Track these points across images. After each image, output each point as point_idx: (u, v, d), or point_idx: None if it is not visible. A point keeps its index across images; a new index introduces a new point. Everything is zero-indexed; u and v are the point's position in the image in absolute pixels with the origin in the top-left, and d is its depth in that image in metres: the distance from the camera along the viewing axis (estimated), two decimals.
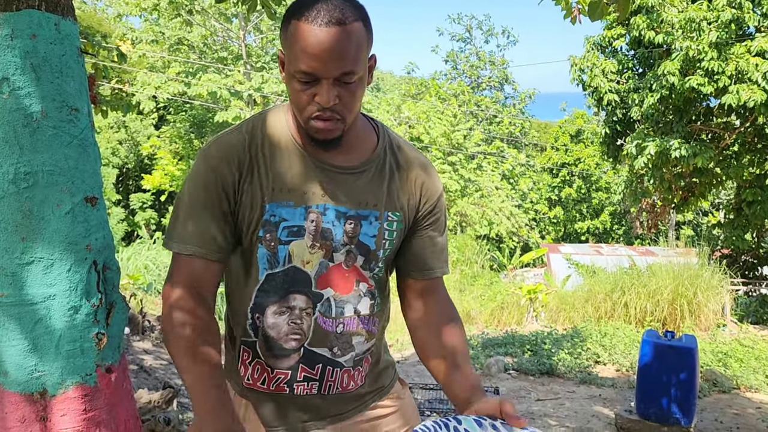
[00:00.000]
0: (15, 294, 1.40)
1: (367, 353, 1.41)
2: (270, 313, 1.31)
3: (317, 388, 1.36)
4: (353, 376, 1.39)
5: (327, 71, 1.14)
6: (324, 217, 1.28)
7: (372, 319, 1.39)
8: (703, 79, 10.04)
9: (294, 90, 1.18)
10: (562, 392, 5.73)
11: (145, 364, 5.27)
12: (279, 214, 1.26)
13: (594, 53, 12.20)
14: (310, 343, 1.32)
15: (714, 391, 5.77)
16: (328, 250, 1.29)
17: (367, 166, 1.32)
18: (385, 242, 1.34)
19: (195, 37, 21.46)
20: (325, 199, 1.28)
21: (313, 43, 1.12)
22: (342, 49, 1.13)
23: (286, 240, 1.27)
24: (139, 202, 23.41)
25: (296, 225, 1.27)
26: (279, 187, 1.26)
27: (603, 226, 27.80)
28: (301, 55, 1.13)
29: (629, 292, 9.02)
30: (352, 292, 1.33)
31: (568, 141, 28.67)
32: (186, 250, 1.24)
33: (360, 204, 1.30)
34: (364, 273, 1.34)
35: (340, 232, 1.30)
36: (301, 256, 1.28)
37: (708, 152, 10.38)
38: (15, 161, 1.34)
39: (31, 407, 1.45)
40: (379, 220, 1.32)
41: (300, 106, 1.19)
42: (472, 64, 31.28)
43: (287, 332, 1.31)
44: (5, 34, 1.31)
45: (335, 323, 1.33)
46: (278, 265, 1.28)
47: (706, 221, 22.48)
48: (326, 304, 1.32)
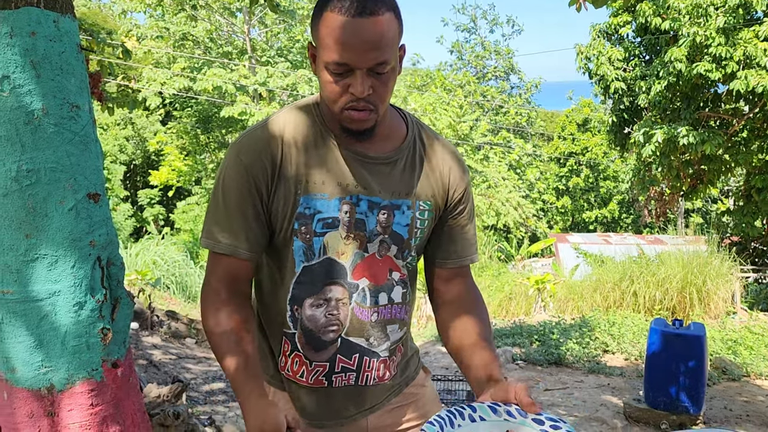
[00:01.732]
0: (20, 291, 1.41)
1: (399, 342, 1.43)
2: (308, 306, 1.32)
3: (354, 379, 1.37)
4: (389, 366, 1.41)
5: (361, 62, 1.15)
6: (357, 208, 1.29)
7: (404, 307, 1.41)
8: (711, 65, 9.96)
9: (327, 81, 1.19)
10: (570, 382, 5.73)
11: (154, 358, 5.31)
12: (313, 207, 1.27)
13: (600, 41, 12.12)
14: (347, 333, 1.34)
15: (723, 379, 5.76)
16: (362, 241, 1.31)
17: (398, 155, 1.33)
18: (417, 231, 1.36)
19: (199, 32, 21.45)
20: (359, 189, 1.29)
21: (347, 33, 1.13)
22: (375, 40, 1.14)
23: (321, 232, 1.28)
24: (146, 198, 23.52)
25: (330, 216, 1.28)
26: (312, 180, 1.27)
27: (611, 215, 27.70)
28: (335, 46, 1.14)
29: (638, 281, 9.00)
30: (386, 282, 1.35)
31: (575, 130, 28.54)
32: (220, 248, 1.26)
33: (393, 194, 1.32)
34: (397, 262, 1.36)
35: (374, 222, 1.31)
36: (336, 247, 1.30)
37: (716, 139, 10.32)
38: (17, 159, 1.35)
39: (39, 403, 1.46)
40: (411, 209, 1.34)
41: (333, 97, 1.20)
42: (477, 54, 31.14)
43: (325, 324, 1.32)
44: (5, 32, 1.31)
45: (370, 312, 1.34)
46: (314, 257, 1.30)
47: (715, 208, 22.36)
48: (361, 294, 1.33)
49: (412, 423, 1.48)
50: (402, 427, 1.47)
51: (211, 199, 1.30)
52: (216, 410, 4.31)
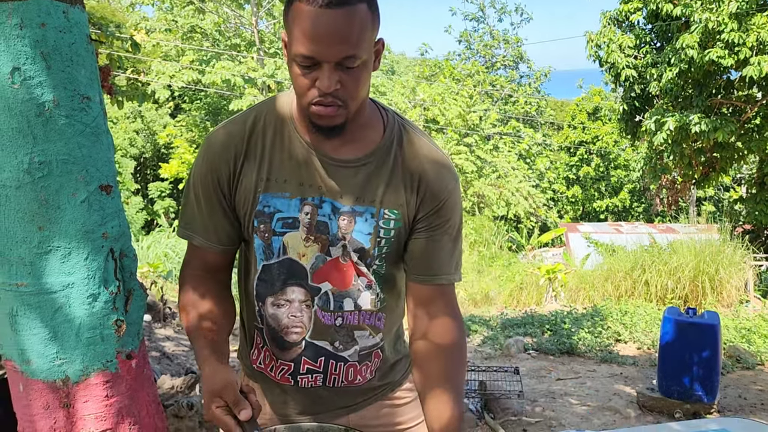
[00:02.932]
0: (34, 283, 1.41)
1: (375, 348, 1.38)
2: (269, 304, 1.31)
3: (322, 380, 1.35)
4: (360, 370, 1.36)
5: (327, 55, 1.08)
6: (320, 210, 1.24)
7: (376, 314, 1.34)
8: (723, 51, 9.85)
9: (295, 74, 1.14)
10: (582, 371, 5.71)
11: (167, 350, 5.34)
12: (273, 205, 1.24)
13: (610, 28, 12.01)
14: (311, 336, 1.31)
15: (737, 368, 5.72)
16: (324, 244, 1.26)
17: (368, 159, 1.26)
18: (381, 240, 1.28)
19: (208, 24, 21.46)
20: (322, 191, 1.24)
21: (313, 25, 1.07)
22: (343, 32, 1.07)
23: (281, 231, 1.25)
24: (157, 191, 23.62)
25: (291, 217, 1.24)
26: (275, 178, 1.23)
27: (622, 204, 27.54)
28: (301, 37, 1.09)
29: (650, 270, 8.94)
30: (350, 287, 1.30)
31: (585, 119, 28.35)
32: (193, 240, 1.28)
33: (356, 200, 1.25)
34: (361, 268, 1.29)
35: (336, 226, 1.26)
36: (296, 248, 1.26)
37: (729, 126, 10.21)
38: (29, 151, 1.35)
39: (54, 394, 1.46)
40: (375, 218, 1.26)
41: (301, 91, 1.15)
42: (486, 43, 30.95)
43: (287, 325, 1.30)
44: (15, 23, 1.31)
45: (333, 317, 1.30)
46: (273, 256, 1.27)
47: (728, 197, 22.16)
48: (324, 297, 1.29)
49: (402, 427, 1.44)
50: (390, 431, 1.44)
51: (184, 190, 1.31)
52: None
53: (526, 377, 5.32)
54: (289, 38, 1.14)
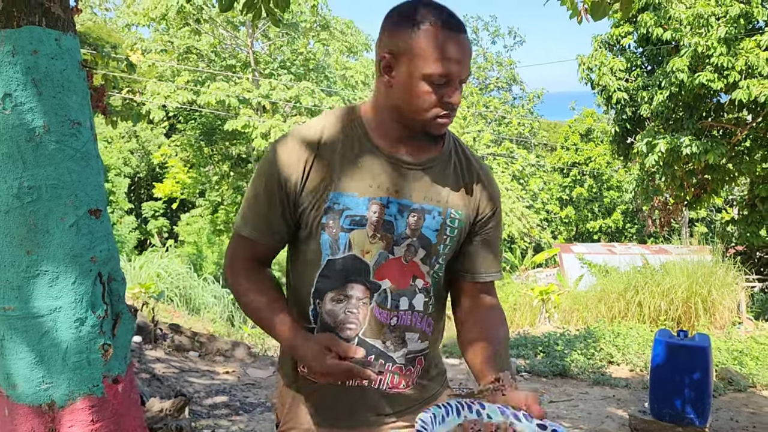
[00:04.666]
0: (21, 307, 1.41)
1: (420, 354, 1.42)
2: (328, 300, 1.34)
3: (368, 382, 1.36)
4: (405, 375, 1.40)
5: (460, 74, 1.25)
6: (387, 209, 1.33)
7: (426, 318, 1.41)
8: (713, 74, 9.98)
9: (421, 92, 1.25)
10: (575, 393, 5.70)
11: (158, 372, 5.30)
12: (342, 203, 1.31)
13: (602, 51, 12.15)
14: (364, 333, 1.35)
15: (729, 390, 5.72)
16: (389, 243, 1.33)
17: (434, 163, 1.38)
18: (446, 238, 1.38)
19: (203, 45, 21.60)
20: (390, 192, 1.33)
21: (451, 47, 1.23)
22: (468, 54, 1.27)
23: (348, 228, 1.32)
24: (151, 210, 23.58)
25: (359, 214, 1.31)
26: (344, 177, 1.32)
27: (615, 225, 27.64)
28: (440, 58, 1.23)
29: (643, 291, 8.96)
30: (408, 287, 1.36)
31: (578, 140, 28.55)
32: (244, 231, 1.35)
33: (425, 199, 1.36)
34: (423, 269, 1.37)
35: (403, 225, 1.34)
36: (361, 245, 1.32)
37: (720, 148, 10.31)
38: (19, 176, 1.36)
39: (40, 419, 1.46)
40: (442, 216, 1.37)
41: (425, 107, 1.27)
42: (479, 65, 31.24)
43: (343, 321, 1.34)
44: (7, 50, 1.33)
45: (390, 315, 1.35)
46: (339, 251, 1.33)
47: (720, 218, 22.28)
48: (383, 294, 1.35)
49: None
50: None
51: (250, 183, 1.38)
52: (219, 424, 4.30)
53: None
54: (418, 58, 1.24)
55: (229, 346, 6.94)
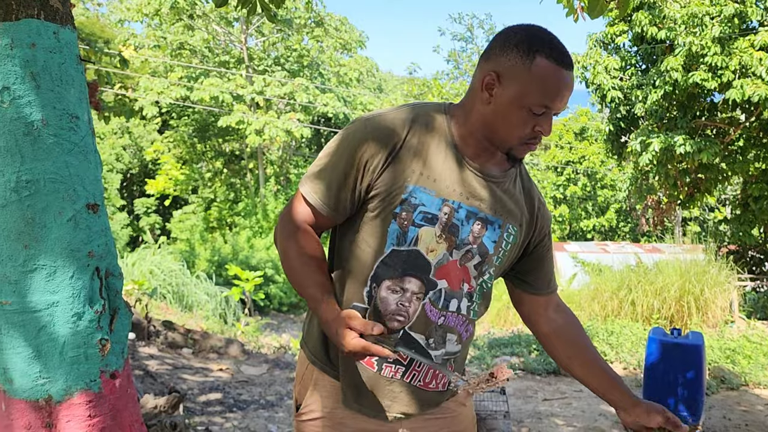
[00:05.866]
0: (18, 301, 1.40)
1: (453, 357, 1.44)
2: (384, 287, 1.36)
3: (402, 374, 1.39)
4: (436, 375, 1.42)
5: (559, 107, 1.31)
6: (456, 213, 1.36)
7: (466, 323, 1.44)
8: (707, 74, 10.01)
9: (519, 117, 1.30)
10: (569, 392, 5.72)
11: (151, 369, 5.28)
12: (419, 198, 1.34)
13: (596, 50, 12.17)
14: (411, 327, 1.36)
15: (722, 388, 5.75)
16: (451, 245, 1.37)
17: (505, 178, 1.42)
18: (501, 251, 1.43)
19: (197, 41, 21.50)
20: (462, 198, 1.36)
21: (559, 82, 1.28)
22: (571, 91, 1.31)
23: (419, 223, 1.34)
24: (143, 207, 23.48)
25: (431, 213, 1.34)
26: (426, 174, 1.34)
27: (609, 223, 27.73)
28: (547, 90, 1.27)
29: (636, 290, 8.99)
30: (458, 290, 1.40)
31: (572, 139, 28.61)
32: (310, 197, 1.36)
33: (491, 210, 1.39)
34: (472, 273, 1.40)
35: (467, 231, 1.37)
36: (427, 242, 1.35)
37: (713, 148, 10.34)
38: (17, 169, 1.35)
39: (37, 414, 1.45)
40: (501, 229, 1.41)
41: (517, 132, 1.32)
42: (474, 63, 31.24)
43: (393, 311, 1.35)
44: (5, 43, 1.32)
45: (439, 314, 1.38)
46: (405, 243, 1.35)
47: (713, 217, 22.40)
48: (438, 294, 1.37)
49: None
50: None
51: (325, 149, 1.38)
52: (213, 421, 4.29)
53: (512, 397, 5.32)
54: (528, 86, 1.28)
55: (223, 344, 6.93)
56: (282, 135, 19.99)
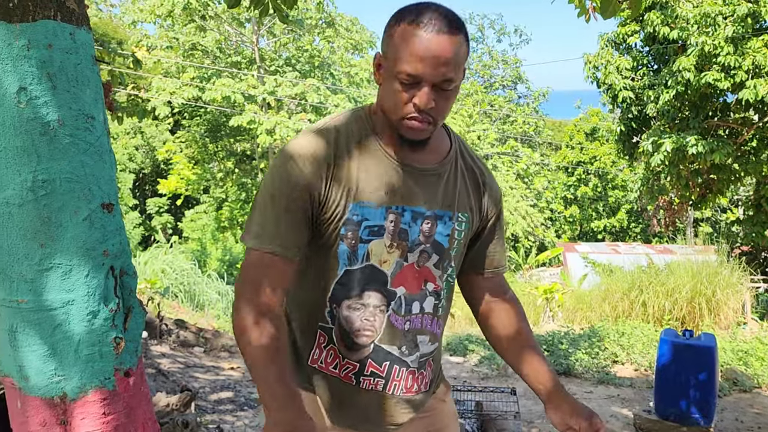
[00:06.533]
0: (34, 300, 1.42)
1: (430, 356, 1.44)
2: (345, 307, 1.34)
3: (382, 386, 1.38)
4: (417, 378, 1.41)
5: (431, 76, 1.20)
6: (402, 218, 1.33)
7: (435, 320, 1.42)
8: (720, 74, 9.94)
9: (393, 90, 1.24)
10: (579, 392, 5.69)
11: (163, 367, 5.31)
12: (362, 214, 1.30)
13: (608, 50, 12.12)
14: (380, 340, 1.35)
15: (734, 391, 5.71)
16: (404, 250, 1.34)
17: (443, 168, 1.38)
18: (455, 242, 1.40)
19: (209, 42, 21.60)
20: (404, 200, 1.33)
21: (423, 47, 1.19)
22: (448, 57, 1.20)
23: (367, 239, 1.31)
24: (155, 206, 23.62)
25: (377, 225, 1.31)
26: (362, 187, 1.30)
27: (620, 224, 27.59)
28: (408, 57, 1.20)
29: (647, 291, 8.94)
30: (420, 291, 1.38)
31: (583, 139, 28.49)
32: (264, 247, 1.25)
33: (437, 204, 1.36)
34: (435, 273, 1.39)
35: (416, 232, 1.35)
36: (379, 255, 1.32)
37: (726, 148, 10.27)
38: (33, 169, 1.36)
39: (52, 411, 1.46)
40: (452, 221, 1.38)
41: (396, 106, 1.25)
42: (484, 63, 31.20)
43: (359, 328, 1.34)
44: (22, 44, 1.33)
45: (404, 321, 1.37)
46: (357, 262, 1.32)
47: (725, 218, 22.23)
48: (398, 302, 1.36)
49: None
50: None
51: (260, 198, 1.30)
52: (224, 419, 4.31)
53: (523, 398, 5.30)
54: (393, 57, 1.23)
55: (234, 343, 6.95)
56: (293, 135, 20.05)
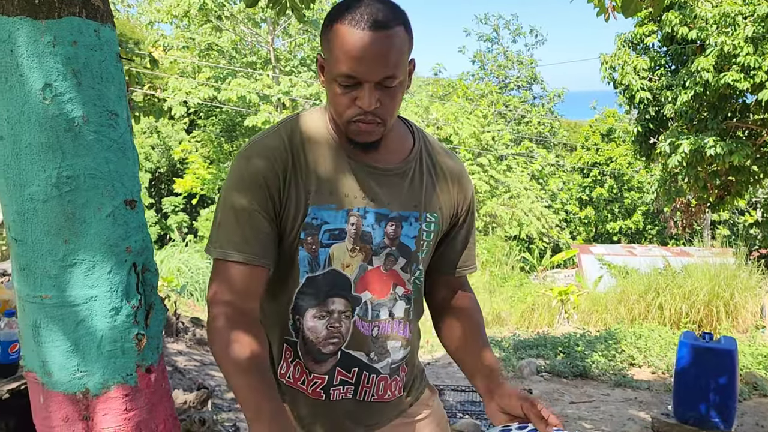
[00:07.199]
0: (58, 296, 1.42)
1: (403, 361, 1.40)
2: (309, 317, 1.30)
3: (353, 393, 1.35)
4: (390, 384, 1.38)
5: (369, 75, 1.14)
6: (364, 220, 1.27)
7: (407, 324, 1.38)
8: (739, 74, 9.82)
9: (334, 93, 1.18)
10: (596, 395, 5.65)
11: (180, 365, 5.34)
12: (321, 217, 1.25)
13: (625, 50, 12.02)
14: (347, 346, 1.32)
15: (754, 395, 5.64)
16: (367, 254, 1.29)
17: (406, 166, 1.32)
18: (423, 243, 1.34)
19: (224, 42, 21.72)
20: (366, 201, 1.27)
21: (356, 46, 1.12)
22: (384, 53, 1.13)
23: (327, 243, 1.26)
24: (171, 205, 23.76)
25: (337, 228, 1.26)
26: (321, 190, 1.25)
27: (636, 226, 27.35)
28: (343, 58, 1.13)
29: (664, 293, 8.86)
30: (388, 296, 1.33)
31: (599, 140, 28.28)
32: (230, 256, 1.22)
33: (401, 205, 1.30)
34: (404, 276, 1.34)
35: (380, 234, 1.29)
36: (341, 259, 1.28)
37: (745, 150, 10.15)
38: (57, 165, 1.37)
39: (74, 407, 1.47)
40: (418, 221, 1.32)
41: (340, 110, 1.19)
42: (499, 64, 31.06)
43: (326, 336, 1.30)
44: (48, 41, 1.34)
45: (371, 326, 1.32)
46: (319, 268, 1.28)
47: (743, 220, 21.96)
48: (364, 307, 1.31)
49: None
50: None
51: (219, 207, 1.26)
52: (240, 417, 4.32)
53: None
54: (329, 59, 1.17)
55: None
56: None
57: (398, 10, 1.17)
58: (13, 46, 1.31)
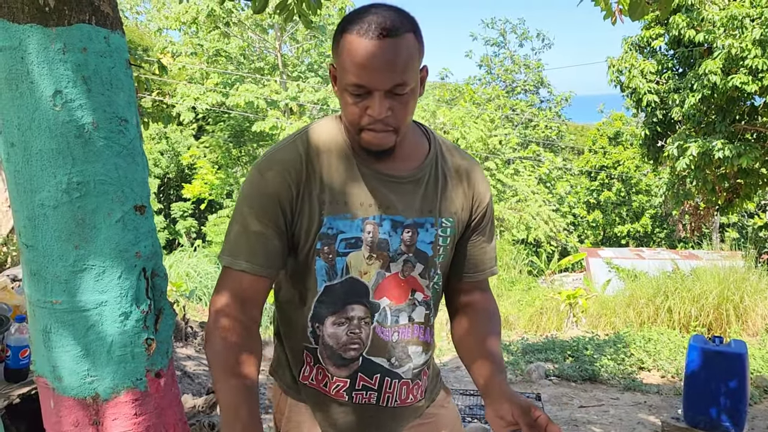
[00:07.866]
0: (68, 301, 1.44)
1: (425, 366, 1.41)
2: (329, 324, 1.31)
3: (375, 399, 1.35)
4: (412, 389, 1.38)
5: (379, 83, 1.14)
6: (380, 228, 1.28)
7: (427, 329, 1.39)
8: (747, 77, 9.78)
9: (346, 103, 1.19)
10: (605, 399, 5.62)
11: (189, 369, 5.35)
12: (336, 227, 1.26)
13: (632, 54, 11.98)
14: (368, 352, 1.33)
15: (765, 399, 5.60)
16: (385, 261, 1.30)
17: (421, 173, 1.32)
18: (440, 248, 1.34)
19: (232, 48, 21.82)
20: (382, 210, 1.28)
21: (364, 55, 1.12)
22: (394, 61, 1.13)
23: (344, 252, 1.28)
24: (179, 210, 23.84)
25: (353, 237, 1.27)
26: (336, 200, 1.26)
27: (644, 229, 27.22)
28: (352, 67, 1.14)
29: (673, 297, 8.81)
30: (406, 301, 1.34)
31: (606, 143, 28.20)
32: (237, 265, 1.24)
33: (417, 212, 1.31)
34: (422, 282, 1.34)
35: (397, 241, 1.30)
36: (358, 267, 1.29)
37: (753, 152, 10.09)
38: (68, 171, 1.38)
39: (84, 411, 1.48)
40: (434, 227, 1.33)
41: (352, 119, 1.20)
42: (506, 68, 31.03)
43: (346, 342, 1.31)
44: (58, 48, 1.35)
45: (391, 332, 1.33)
46: (336, 276, 1.29)
47: (752, 223, 21.83)
48: (383, 313, 1.32)
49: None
50: None
51: (233, 218, 1.29)
52: None
53: (548, 404, 5.25)
54: (340, 69, 1.18)
55: None
56: None
57: (407, 18, 1.17)
58: (24, 53, 1.32)
